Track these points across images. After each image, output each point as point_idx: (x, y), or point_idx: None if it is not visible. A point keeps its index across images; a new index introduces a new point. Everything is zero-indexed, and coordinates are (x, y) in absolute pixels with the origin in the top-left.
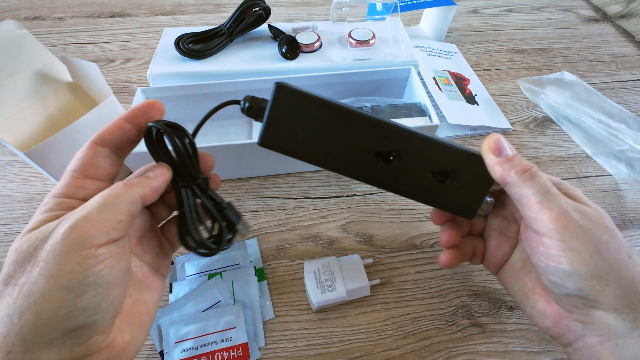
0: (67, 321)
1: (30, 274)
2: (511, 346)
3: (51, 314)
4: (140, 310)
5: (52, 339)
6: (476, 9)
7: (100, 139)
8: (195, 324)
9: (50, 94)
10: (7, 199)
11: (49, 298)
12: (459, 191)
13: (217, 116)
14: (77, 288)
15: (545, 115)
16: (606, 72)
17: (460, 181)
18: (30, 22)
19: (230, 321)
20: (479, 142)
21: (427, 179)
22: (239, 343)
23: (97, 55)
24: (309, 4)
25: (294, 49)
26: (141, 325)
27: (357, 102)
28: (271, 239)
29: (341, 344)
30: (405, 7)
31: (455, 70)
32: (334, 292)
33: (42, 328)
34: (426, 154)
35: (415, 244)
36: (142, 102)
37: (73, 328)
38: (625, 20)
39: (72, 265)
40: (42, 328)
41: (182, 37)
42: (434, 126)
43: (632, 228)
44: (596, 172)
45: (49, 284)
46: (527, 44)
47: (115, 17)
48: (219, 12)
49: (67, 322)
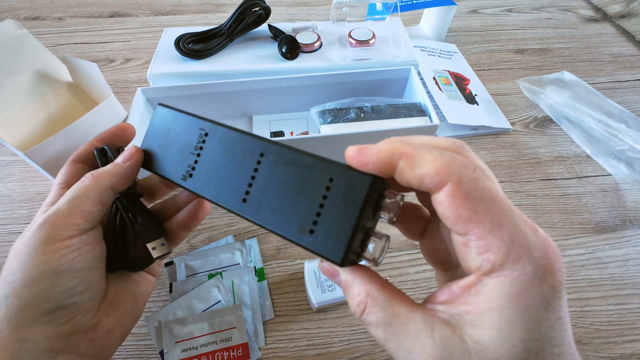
0: (47, 303)
1: (11, 266)
2: None
3: (31, 298)
4: (126, 298)
5: (35, 318)
6: (476, 9)
7: (77, 157)
8: (195, 324)
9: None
10: (7, 199)
11: (27, 285)
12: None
13: (217, 116)
14: (51, 275)
15: (545, 115)
16: (606, 72)
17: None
18: (30, 22)
19: (230, 321)
20: (479, 142)
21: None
22: (239, 343)
23: (97, 55)
24: (309, 4)
25: (294, 49)
26: (126, 312)
27: (357, 102)
28: (271, 239)
29: (341, 344)
30: (405, 7)
31: (455, 70)
32: (334, 292)
33: (26, 310)
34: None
35: (415, 244)
36: (115, 126)
37: (54, 308)
38: (625, 20)
39: (44, 257)
40: (25, 310)
41: (182, 37)
42: (434, 126)
43: (632, 228)
44: (596, 172)
45: (26, 274)
46: (527, 44)
47: (115, 17)
48: (219, 12)
49: (47, 304)
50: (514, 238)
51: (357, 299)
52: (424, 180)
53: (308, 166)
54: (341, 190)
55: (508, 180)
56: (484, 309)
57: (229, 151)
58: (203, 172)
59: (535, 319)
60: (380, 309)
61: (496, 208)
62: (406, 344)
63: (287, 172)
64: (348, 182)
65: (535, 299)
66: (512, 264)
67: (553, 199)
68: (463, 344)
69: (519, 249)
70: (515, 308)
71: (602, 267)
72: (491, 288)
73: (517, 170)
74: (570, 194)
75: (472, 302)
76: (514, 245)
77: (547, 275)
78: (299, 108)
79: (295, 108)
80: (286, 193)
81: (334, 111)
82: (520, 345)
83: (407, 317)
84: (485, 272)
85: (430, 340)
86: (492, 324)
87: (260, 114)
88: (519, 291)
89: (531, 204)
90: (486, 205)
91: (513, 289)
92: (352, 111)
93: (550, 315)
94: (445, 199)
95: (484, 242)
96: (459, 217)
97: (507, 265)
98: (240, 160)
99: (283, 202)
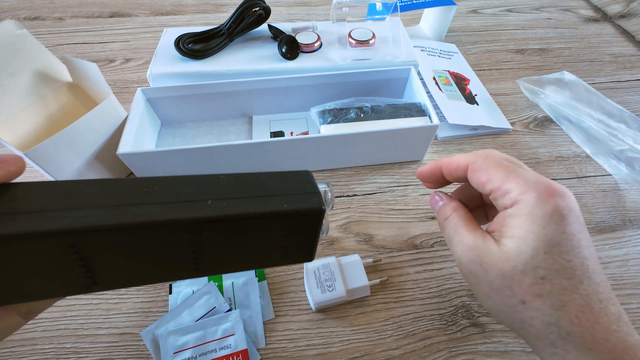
0: None
1: None
2: (511, 346)
3: None
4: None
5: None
6: (476, 9)
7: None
8: (193, 333)
9: (50, 94)
10: None
11: None
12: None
13: (217, 116)
14: None
15: (545, 115)
16: (606, 72)
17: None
18: (30, 22)
19: (229, 328)
20: (479, 142)
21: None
22: (239, 350)
23: (97, 55)
24: (309, 4)
25: (294, 49)
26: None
27: (357, 102)
28: None
29: (341, 344)
30: (405, 7)
31: (455, 70)
32: (334, 292)
33: None
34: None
35: (415, 244)
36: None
37: None
38: (625, 20)
39: None
40: None
41: (182, 37)
42: (434, 126)
43: (632, 228)
44: (596, 172)
45: None
46: (527, 44)
47: (115, 17)
48: (219, 12)
49: None
50: (521, 182)
51: (445, 212)
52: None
53: (250, 222)
54: (296, 225)
55: None
56: (512, 226)
57: (132, 247)
58: (107, 272)
59: (541, 226)
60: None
61: (503, 169)
62: (464, 239)
63: (231, 236)
64: (301, 219)
65: (539, 214)
66: (522, 195)
67: None
68: (500, 246)
69: (525, 186)
70: (527, 220)
71: (602, 267)
72: (513, 212)
73: None
74: None
75: (506, 223)
76: (522, 186)
77: (549, 199)
78: (299, 108)
79: (295, 108)
80: (244, 250)
81: (334, 111)
82: (533, 243)
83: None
84: (508, 206)
85: (481, 241)
86: (516, 234)
87: (260, 114)
88: (529, 211)
89: None
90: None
91: (525, 210)
92: (352, 111)
93: (555, 226)
94: (472, 175)
95: (504, 189)
96: (486, 182)
97: (520, 198)
98: (160, 251)
99: (239, 254)
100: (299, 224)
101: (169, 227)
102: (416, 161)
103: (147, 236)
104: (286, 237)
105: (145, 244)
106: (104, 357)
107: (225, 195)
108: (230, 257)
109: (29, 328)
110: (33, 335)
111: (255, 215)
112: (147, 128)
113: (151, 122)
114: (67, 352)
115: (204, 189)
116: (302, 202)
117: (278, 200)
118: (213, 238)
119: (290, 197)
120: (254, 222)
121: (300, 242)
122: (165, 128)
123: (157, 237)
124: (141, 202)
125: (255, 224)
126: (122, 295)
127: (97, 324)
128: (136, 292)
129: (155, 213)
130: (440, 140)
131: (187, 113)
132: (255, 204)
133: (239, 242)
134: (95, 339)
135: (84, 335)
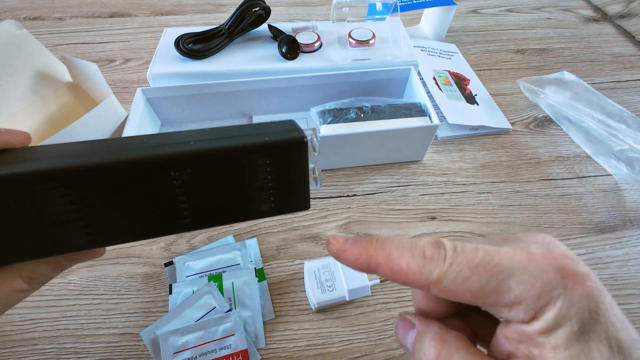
0: None
1: None
2: None
3: None
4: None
5: None
6: (476, 9)
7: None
8: (193, 333)
9: (50, 94)
10: None
11: None
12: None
13: (217, 116)
14: None
15: (545, 115)
16: (606, 72)
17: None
18: (30, 22)
19: (229, 328)
20: (479, 142)
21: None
22: (239, 350)
23: (97, 55)
24: (309, 4)
25: (294, 49)
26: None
27: (357, 102)
28: (271, 239)
29: (341, 344)
30: (405, 7)
31: (455, 70)
32: (334, 292)
33: None
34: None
35: None
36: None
37: None
38: (625, 20)
39: None
40: None
41: (182, 37)
42: (434, 126)
43: (632, 228)
44: (596, 172)
45: None
46: (527, 44)
47: (115, 17)
48: (219, 12)
49: None
50: (526, 279)
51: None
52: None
53: (233, 157)
54: (280, 160)
55: (508, 181)
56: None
57: (124, 189)
58: (104, 221)
59: (593, 341)
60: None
61: (487, 271)
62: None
63: (217, 175)
64: (283, 151)
65: (574, 315)
66: (540, 300)
67: (553, 199)
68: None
69: (536, 284)
70: (570, 339)
71: (603, 267)
72: (541, 328)
73: (517, 170)
74: (571, 194)
75: (539, 347)
76: (532, 285)
77: (576, 287)
78: (299, 108)
79: (295, 108)
80: (228, 190)
81: (334, 111)
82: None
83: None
84: (527, 320)
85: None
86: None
87: (260, 114)
88: (566, 322)
89: (531, 204)
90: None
91: (559, 322)
92: (352, 111)
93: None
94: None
95: (505, 300)
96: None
97: (538, 304)
98: (148, 190)
99: (229, 197)
100: (283, 159)
101: (155, 164)
102: (416, 161)
103: (135, 175)
104: (273, 175)
105: (134, 187)
106: (104, 357)
107: (208, 137)
108: (220, 202)
109: (29, 328)
110: (33, 335)
111: (237, 148)
112: (147, 128)
113: (151, 122)
114: (67, 352)
115: (189, 136)
116: (283, 135)
117: (260, 137)
118: (198, 178)
119: (273, 134)
120: (236, 158)
121: (290, 183)
122: (165, 128)
123: (144, 178)
124: (131, 149)
125: (238, 161)
126: (122, 295)
127: (97, 324)
128: (136, 292)
129: (142, 153)
130: (440, 140)
131: (187, 113)
132: (237, 141)
133: (225, 184)
134: (95, 339)
135: (84, 336)
